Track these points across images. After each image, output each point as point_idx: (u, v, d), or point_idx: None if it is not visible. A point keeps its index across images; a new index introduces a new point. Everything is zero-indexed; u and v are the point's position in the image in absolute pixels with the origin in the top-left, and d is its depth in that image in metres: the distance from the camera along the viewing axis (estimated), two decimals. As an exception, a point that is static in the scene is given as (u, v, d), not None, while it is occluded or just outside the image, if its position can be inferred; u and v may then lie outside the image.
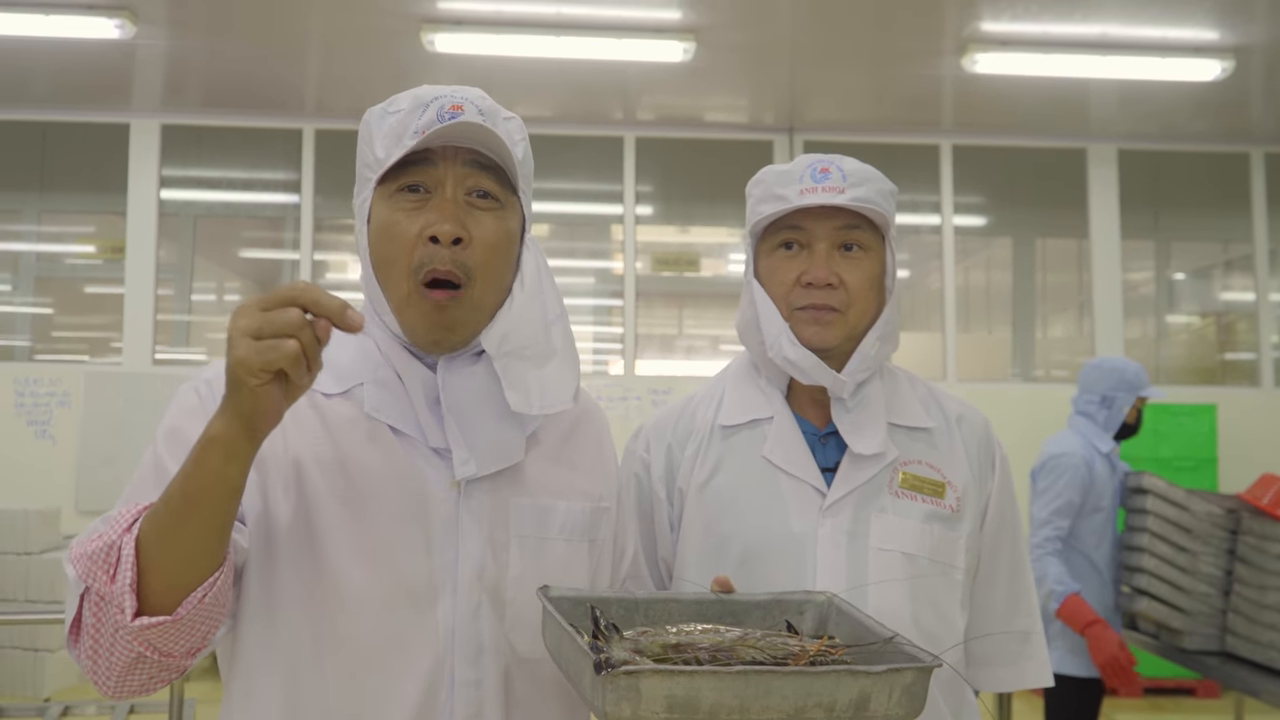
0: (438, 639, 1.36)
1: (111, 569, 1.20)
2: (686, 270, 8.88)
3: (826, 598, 1.50)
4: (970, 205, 8.81)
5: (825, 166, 1.77)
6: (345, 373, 1.45)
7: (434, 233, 1.38)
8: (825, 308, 1.75)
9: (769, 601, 1.49)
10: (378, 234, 1.43)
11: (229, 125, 8.31)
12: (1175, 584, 4.15)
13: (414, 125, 1.40)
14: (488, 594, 1.40)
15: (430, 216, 1.40)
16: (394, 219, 1.41)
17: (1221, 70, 6.70)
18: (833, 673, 1.18)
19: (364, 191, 1.46)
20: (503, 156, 1.44)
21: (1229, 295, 9.12)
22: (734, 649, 1.27)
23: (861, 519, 1.74)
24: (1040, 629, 1.90)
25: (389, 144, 1.42)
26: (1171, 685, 7.25)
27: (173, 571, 1.20)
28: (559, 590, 1.37)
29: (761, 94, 7.88)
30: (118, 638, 1.21)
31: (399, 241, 1.40)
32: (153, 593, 1.20)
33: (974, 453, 1.84)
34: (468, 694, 1.37)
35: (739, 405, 1.85)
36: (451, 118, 1.39)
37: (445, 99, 1.42)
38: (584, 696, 1.21)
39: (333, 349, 1.44)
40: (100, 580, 1.20)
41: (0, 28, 6.48)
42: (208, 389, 1.41)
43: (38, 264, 8.77)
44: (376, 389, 1.44)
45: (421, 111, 1.41)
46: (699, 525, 1.79)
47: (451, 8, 6.25)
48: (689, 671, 1.14)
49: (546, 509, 1.48)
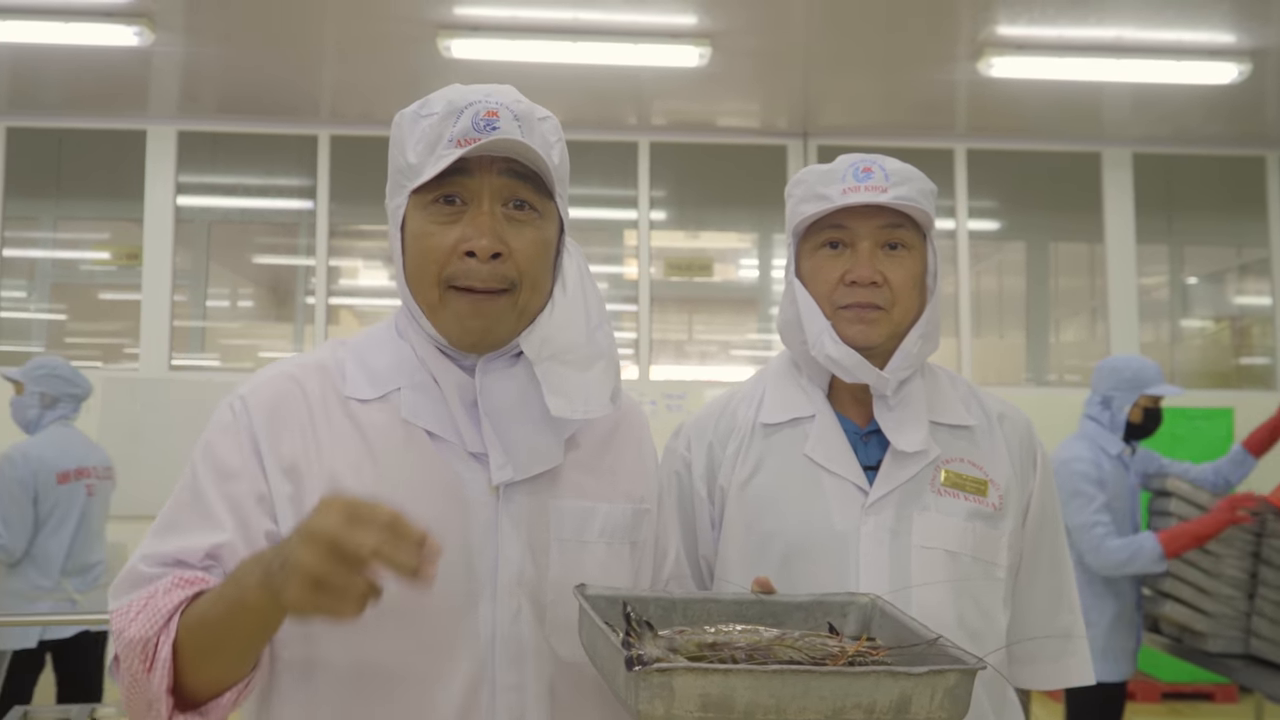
0: (478, 643, 1.35)
1: (148, 662, 1.24)
2: (698, 275, 8.88)
3: (870, 599, 1.47)
4: (984, 210, 8.81)
5: (868, 166, 1.77)
6: (381, 378, 1.44)
7: (471, 248, 1.37)
8: (870, 305, 1.75)
9: (811, 603, 1.47)
10: (413, 243, 1.41)
11: (244, 132, 8.33)
12: (1199, 586, 4.15)
13: (448, 133, 1.38)
14: (528, 598, 1.39)
15: (467, 230, 1.38)
16: (429, 230, 1.40)
17: (1238, 73, 6.68)
18: (872, 674, 1.15)
19: (397, 197, 1.44)
20: (539, 165, 1.41)
21: (1244, 299, 9.10)
22: (771, 649, 1.24)
23: (904, 517, 1.74)
24: (1082, 626, 1.90)
25: (423, 151, 1.40)
26: (1190, 690, 7.23)
27: (207, 677, 1.26)
28: (595, 589, 1.36)
29: (775, 99, 7.88)
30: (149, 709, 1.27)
31: (434, 254, 1.39)
32: (187, 685, 1.26)
33: (1016, 451, 1.84)
34: (509, 698, 1.36)
35: (780, 403, 1.85)
36: (487, 125, 1.36)
37: (480, 105, 1.39)
38: (618, 695, 1.19)
39: (369, 354, 1.46)
40: (137, 668, 1.25)
41: (19, 35, 6.51)
42: (242, 406, 1.40)
43: (54, 270, 8.80)
44: (413, 394, 1.42)
45: (455, 118, 1.38)
46: (740, 524, 1.79)
47: (468, 14, 6.26)
48: (723, 670, 1.11)
49: (587, 511, 1.46)
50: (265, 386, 1.42)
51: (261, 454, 1.37)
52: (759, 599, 1.45)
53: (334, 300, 8.69)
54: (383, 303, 9.28)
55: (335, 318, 8.72)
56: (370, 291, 9.73)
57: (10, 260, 8.46)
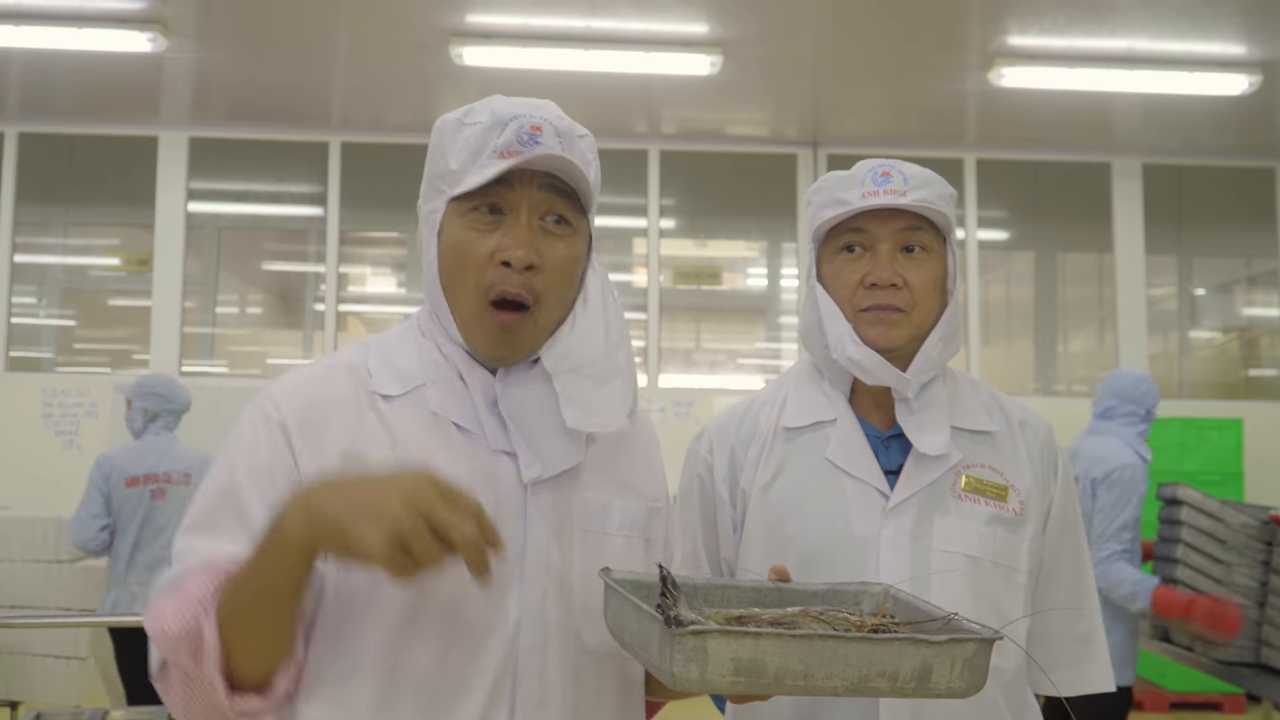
0: (507, 628, 1.38)
1: (196, 652, 1.25)
2: (707, 284, 8.90)
3: (884, 588, 1.49)
4: (993, 219, 8.82)
5: (887, 170, 1.78)
6: (407, 375, 1.46)
7: (508, 258, 1.39)
8: (890, 308, 1.76)
9: (826, 591, 1.48)
10: (450, 249, 1.43)
11: (256, 138, 8.36)
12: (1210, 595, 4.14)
13: (492, 144, 1.39)
14: (555, 585, 1.42)
15: (505, 240, 1.40)
16: (467, 237, 1.42)
17: (1249, 84, 6.70)
18: (896, 640, 1.18)
19: (434, 201, 1.46)
20: (577, 181, 1.44)
21: (1252, 310, 9.10)
22: (796, 621, 1.28)
23: (924, 521, 1.75)
24: (1102, 633, 1.90)
25: (465, 160, 1.41)
26: (1198, 700, 7.22)
27: (254, 653, 1.27)
28: (620, 573, 1.38)
29: (785, 108, 7.90)
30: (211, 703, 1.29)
31: (471, 260, 1.41)
32: (238, 667, 1.27)
33: (1036, 457, 1.85)
34: (532, 682, 1.38)
35: (802, 407, 1.86)
36: (531, 140, 1.39)
37: (524, 118, 1.41)
38: (651, 665, 1.21)
39: (393, 353, 1.49)
40: (185, 660, 1.26)
41: (33, 41, 6.54)
42: (274, 406, 1.42)
43: (64, 276, 8.83)
44: (439, 389, 1.45)
45: (500, 130, 1.40)
46: (762, 527, 1.80)
47: (480, 21, 6.29)
48: (755, 634, 1.14)
49: (606, 505, 1.50)
50: (298, 388, 1.44)
51: (295, 452, 1.38)
52: (776, 586, 1.47)
53: (343, 307, 8.71)
54: (392, 310, 9.30)
55: (344, 324, 8.74)
56: (379, 299, 9.76)
57: (21, 266, 8.49)
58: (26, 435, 7.90)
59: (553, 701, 1.39)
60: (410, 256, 8.98)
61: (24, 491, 7.45)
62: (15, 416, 7.92)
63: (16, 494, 7.31)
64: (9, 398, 7.98)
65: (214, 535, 1.35)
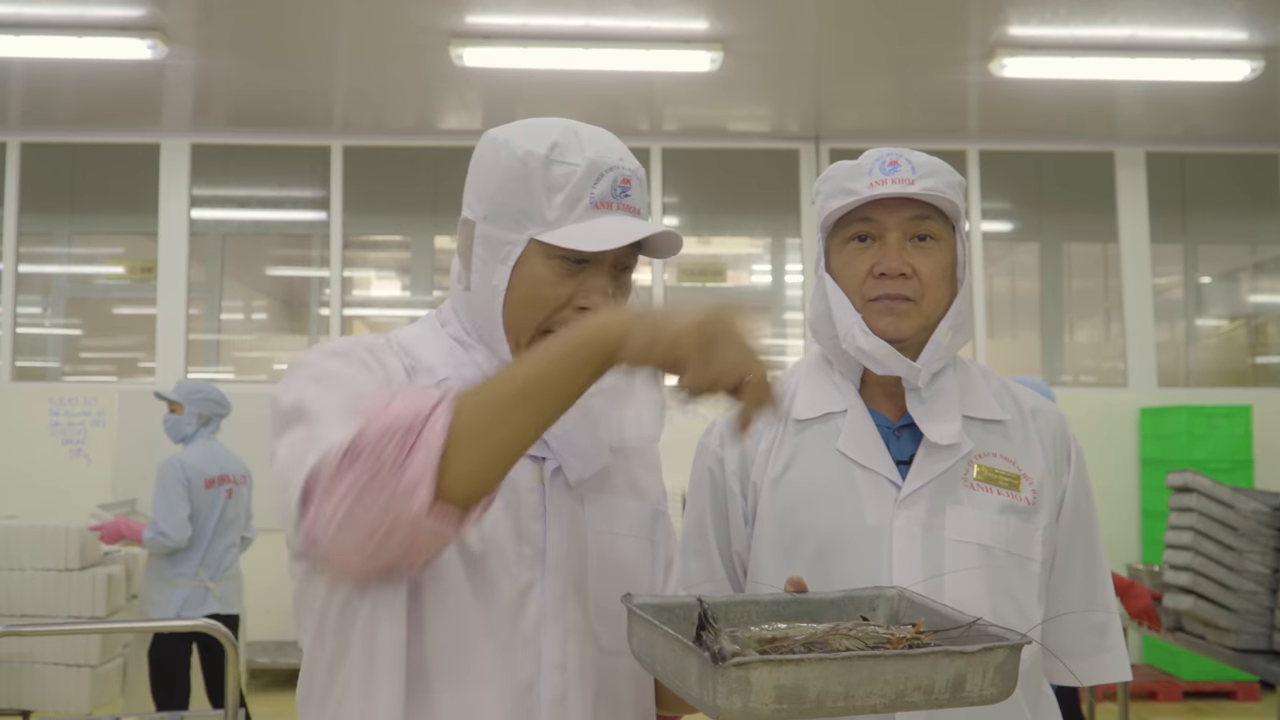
0: (529, 621, 1.41)
1: (409, 443, 1.16)
2: (711, 281, 8.89)
3: (897, 591, 1.50)
4: (997, 211, 8.80)
5: (894, 159, 1.78)
6: (427, 369, 1.48)
7: (585, 305, 1.43)
8: (899, 297, 1.75)
9: (842, 599, 1.50)
10: (526, 284, 1.43)
11: (257, 144, 8.37)
12: (1222, 582, 4.13)
13: (587, 194, 1.43)
14: (573, 584, 1.45)
15: (584, 289, 1.44)
16: (551, 280, 1.43)
17: (1251, 70, 6.68)
18: (930, 654, 1.19)
19: (513, 234, 1.44)
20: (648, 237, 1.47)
21: (1259, 298, 9.08)
22: (827, 641, 1.27)
23: (937, 511, 1.74)
24: (1118, 622, 1.89)
25: (561, 209, 1.43)
26: (1210, 689, 7.21)
27: (477, 464, 1.20)
28: (641, 598, 1.39)
29: (786, 103, 7.89)
30: (386, 511, 1.16)
31: (548, 303, 1.43)
32: (445, 480, 1.17)
33: (1049, 446, 1.84)
34: (554, 677, 1.41)
35: (812, 399, 1.85)
36: (623, 192, 1.45)
37: (619, 170, 1.46)
38: (690, 695, 1.21)
39: (414, 347, 1.50)
40: (389, 452, 1.15)
41: (33, 50, 6.55)
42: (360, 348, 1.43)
43: (69, 286, 8.84)
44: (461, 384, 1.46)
45: (596, 180, 1.44)
46: (773, 519, 1.79)
47: (480, 22, 6.28)
48: (796, 660, 1.14)
49: (616, 507, 1.53)
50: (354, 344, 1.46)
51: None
52: (794, 598, 1.48)
53: (348, 311, 8.71)
54: (397, 313, 9.30)
55: (349, 328, 8.74)
56: (384, 302, 9.75)
57: (26, 276, 8.50)
58: (34, 445, 7.90)
59: (572, 696, 1.42)
60: (414, 260, 8.98)
61: (32, 500, 7.47)
62: (22, 426, 7.93)
63: (24, 503, 7.32)
64: (16, 407, 7.99)
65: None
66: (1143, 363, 8.30)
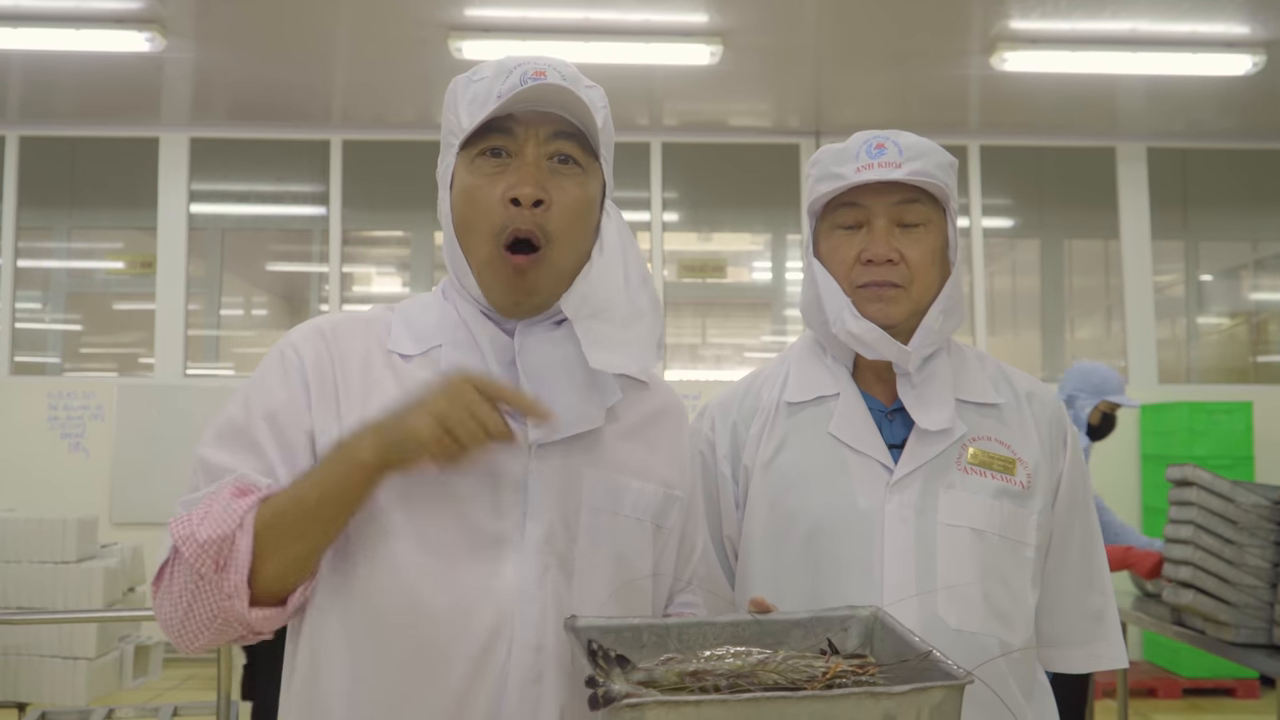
0: (501, 598, 1.35)
1: (223, 560, 1.29)
2: (711, 277, 8.87)
3: (871, 612, 1.43)
4: (998, 207, 8.78)
5: (881, 142, 1.76)
6: (424, 335, 1.48)
7: (515, 194, 1.40)
8: (887, 284, 1.74)
9: (810, 619, 1.42)
10: (460, 198, 1.44)
11: (256, 138, 8.35)
12: (1221, 576, 4.11)
13: (497, 90, 1.41)
14: (556, 560, 1.40)
15: (511, 179, 1.41)
16: (476, 183, 1.43)
17: (1253, 65, 6.65)
18: (852, 695, 1.11)
19: (447, 158, 1.47)
20: (585, 121, 1.44)
21: (1260, 295, 9.05)
22: (754, 673, 1.21)
23: (929, 495, 1.72)
24: (1114, 609, 1.87)
25: (473, 110, 1.43)
26: (1210, 685, 7.19)
27: (283, 568, 1.32)
28: (587, 620, 1.34)
29: (787, 97, 7.87)
30: (215, 613, 1.31)
31: (481, 205, 1.42)
32: (260, 581, 1.31)
33: (1045, 430, 1.82)
34: (527, 657, 1.35)
35: (804, 382, 1.84)
36: (535, 81, 1.40)
37: (529, 65, 1.43)
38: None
39: (415, 315, 1.51)
40: (207, 568, 1.29)
41: (30, 43, 6.53)
42: (293, 350, 1.45)
43: (68, 280, 8.82)
44: (454, 350, 1.46)
45: (505, 77, 1.42)
46: (764, 503, 1.78)
47: (479, 15, 6.26)
48: (695, 701, 1.09)
49: (620, 485, 1.47)
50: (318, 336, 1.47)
51: (311, 400, 1.42)
52: (755, 620, 1.41)
53: (347, 307, 8.69)
54: (396, 308, 9.28)
55: (349, 324, 8.71)
56: (384, 298, 9.74)
57: (25, 271, 8.49)
58: (32, 439, 7.89)
59: (548, 678, 1.36)
60: (414, 255, 8.96)
61: (30, 494, 7.46)
62: (21, 420, 7.92)
63: (23, 496, 7.31)
64: (15, 402, 7.98)
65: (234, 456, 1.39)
66: (1144, 359, 8.28)
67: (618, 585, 1.44)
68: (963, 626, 1.66)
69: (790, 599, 1.60)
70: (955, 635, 1.65)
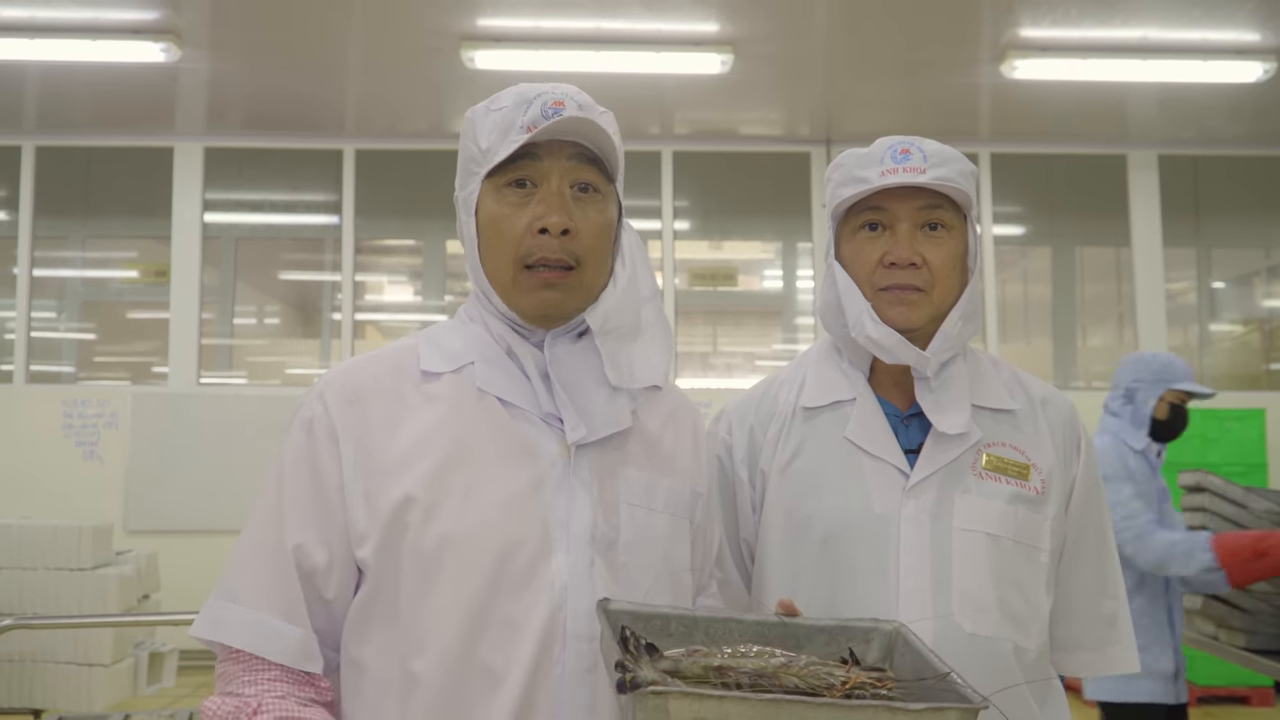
0: (553, 593, 1.40)
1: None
2: (722, 285, 8.88)
3: (895, 627, 1.44)
4: (1009, 215, 8.78)
5: (906, 148, 1.77)
6: (455, 354, 1.52)
7: (544, 225, 1.46)
8: (909, 287, 1.75)
9: (834, 627, 1.44)
10: (487, 225, 1.50)
11: (270, 147, 8.39)
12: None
13: (519, 120, 1.47)
14: (600, 554, 1.44)
15: (539, 210, 1.47)
16: (502, 212, 1.49)
17: (1264, 72, 6.65)
18: (869, 707, 1.13)
19: (470, 185, 1.52)
20: (603, 148, 1.52)
21: (1272, 302, 9.03)
22: (777, 675, 1.23)
23: (945, 500, 1.73)
24: (1127, 614, 1.87)
25: (495, 139, 1.48)
26: (1224, 693, 7.16)
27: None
28: (619, 604, 1.37)
29: (798, 105, 7.88)
30: None
31: (508, 234, 1.48)
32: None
33: (1059, 436, 1.83)
34: (581, 648, 1.40)
35: (821, 387, 1.85)
36: (555, 113, 1.46)
37: (547, 95, 1.49)
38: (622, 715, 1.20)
39: (441, 338, 1.55)
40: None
41: (47, 54, 6.58)
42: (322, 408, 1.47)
43: (83, 289, 8.86)
44: (486, 366, 1.50)
45: (526, 108, 1.47)
46: (781, 507, 1.79)
47: (491, 25, 6.29)
48: (718, 696, 1.11)
49: (652, 482, 1.53)
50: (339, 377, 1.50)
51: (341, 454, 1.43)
52: (781, 621, 1.43)
53: (360, 316, 8.72)
54: (409, 318, 9.32)
55: (361, 333, 8.75)
56: (396, 307, 9.77)
57: (40, 279, 8.53)
58: (47, 447, 7.93)
59: (603, 668, 1.39)
60: (427, 264, 8.99)
61: (45, 501, 7.50)
62: (36, 428, 7.96)
63: (38, 503, 7.36)
64: (30, 410, 8.02)
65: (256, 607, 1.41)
66: (1156, 367, 8.25)
67: (660, 577, 1.49)
68: (977, 631, 1.67)
69: (806, 603, 1.61)
70: (969, 640, 1.66)
